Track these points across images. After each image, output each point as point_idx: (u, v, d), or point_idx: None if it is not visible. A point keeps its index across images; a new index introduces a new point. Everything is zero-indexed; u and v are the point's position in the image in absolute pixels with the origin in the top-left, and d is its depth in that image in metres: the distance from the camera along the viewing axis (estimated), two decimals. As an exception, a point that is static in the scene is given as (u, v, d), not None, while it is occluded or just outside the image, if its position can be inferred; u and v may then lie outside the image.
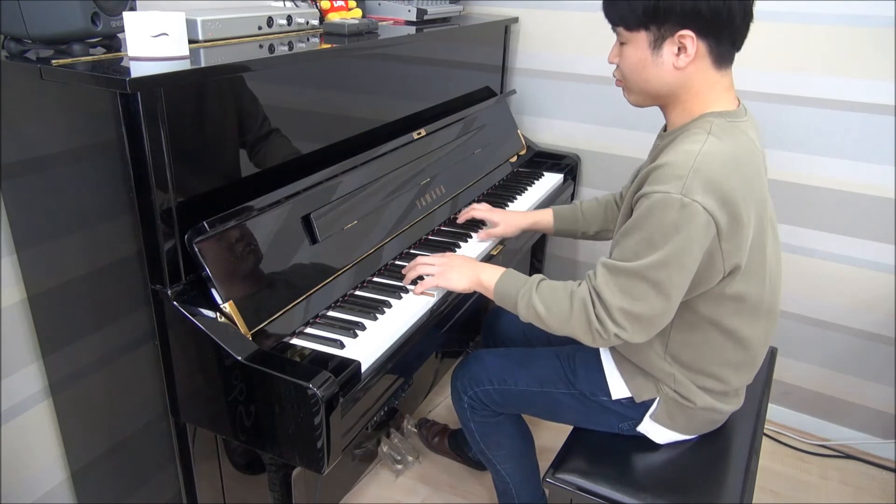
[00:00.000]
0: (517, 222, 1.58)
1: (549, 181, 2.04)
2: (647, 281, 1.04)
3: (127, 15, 1.06)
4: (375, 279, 1.38)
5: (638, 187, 1.08)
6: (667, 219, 1.00)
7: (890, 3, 1.65)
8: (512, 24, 2.16)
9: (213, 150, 1.14)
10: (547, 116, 2.24)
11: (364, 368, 1.10)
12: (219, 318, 1.06)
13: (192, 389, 1.13)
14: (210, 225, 1.08)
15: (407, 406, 2.02)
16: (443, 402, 2.17)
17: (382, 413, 1.85)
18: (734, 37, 1.06)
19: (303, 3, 1.63)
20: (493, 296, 1.24)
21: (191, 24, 1.22)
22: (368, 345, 1.16)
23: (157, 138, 1.00)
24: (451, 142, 1.78)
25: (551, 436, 1.91)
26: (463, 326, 1.51)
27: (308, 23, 1.52)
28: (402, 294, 1.32)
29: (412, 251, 1.50)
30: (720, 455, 1.28)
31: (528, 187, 1.96)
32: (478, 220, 1.62)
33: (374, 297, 1.30)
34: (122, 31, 1.08)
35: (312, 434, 1.00)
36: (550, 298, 1.15)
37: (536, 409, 1.40)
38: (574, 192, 2.21)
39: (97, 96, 0.98)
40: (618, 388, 1.28)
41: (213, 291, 1.07)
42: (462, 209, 1.64)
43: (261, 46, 1.31)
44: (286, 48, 1.32)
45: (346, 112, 1.49)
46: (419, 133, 1.66)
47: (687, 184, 1.00)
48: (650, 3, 1.03)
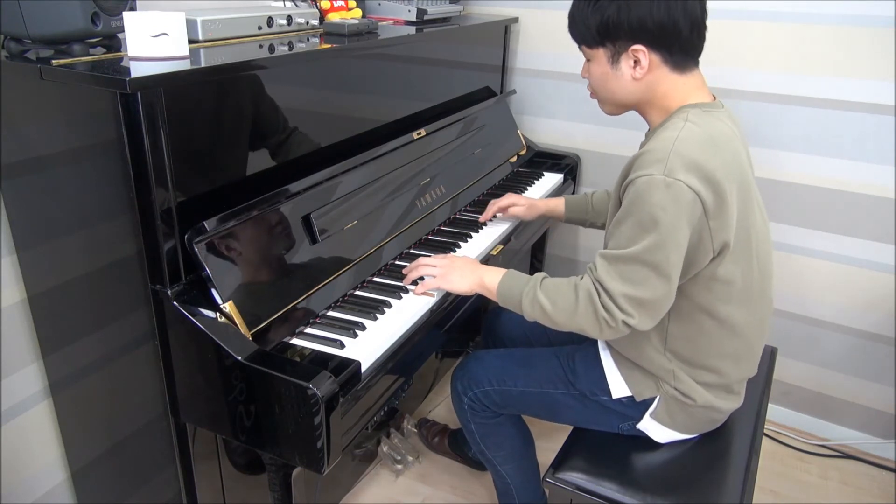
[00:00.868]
0: (538, 206, 1.67)
1: (549, 181, 2.04)
2: (646, 265, 1.06)
3: (127, 15, 1.06)
4: (375, 279, 1.38)
5: (624, 177, 1.12)
6: (654, 200, 1.04)
7: (890, 3, 1.65)
8: (512, 24, 2.16)
9: (213, 150, 1.14)
10: (547, 116, 2.24)
11: (364, 368, 1.10)
12: (219, 318, 1.06)
13: (192, 389, 1.13)
14: (210, 225, 1.08)
15: (407, 406, 2.02)
16: (443, 402, 2.17)
17: (382, 413, 1.85)
18: (685, 47, 1.12)
19: (303, 3, 1.63)
20: (497, 297, 1.24)
21: (191, 24, 1.22)
22: (368, 345, 1.16)
23: (157, 138, 0.99)
24: (451, 142, 1.78)
25: (551, 436, 1.91)
26: (463, 326, 1.51)
27: (308, 23, 1.52)
28: (403, 294, 1.32)
29: (412, 251, 1.50)
30: (720, 455, 1.28)
31: (529, 187, 1.96)
32: (482, 211, 1.69)
33: (374, 297, 1.30)
34: (122, 31, 1.08)
35: (312, 434, 1.00)
36: (555, 293, 1.15)
37: (536, 410, 1.40)
38: (574, 192, 2.21)
39: (97, 96, 0.98)
40: (618, 387, 1.28)
41: (213, 291, 1.07)
42: (461, 210, 1.65)
43: (261, 46, 1.31)
44: (286, 48, 1.32)
45: (346, 112, 1.49)
46: (419, 133, 1.66)
47: (669, 165, 1.04)
48: (602, 22, 1.11)
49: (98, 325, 1.19)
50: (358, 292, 1.32)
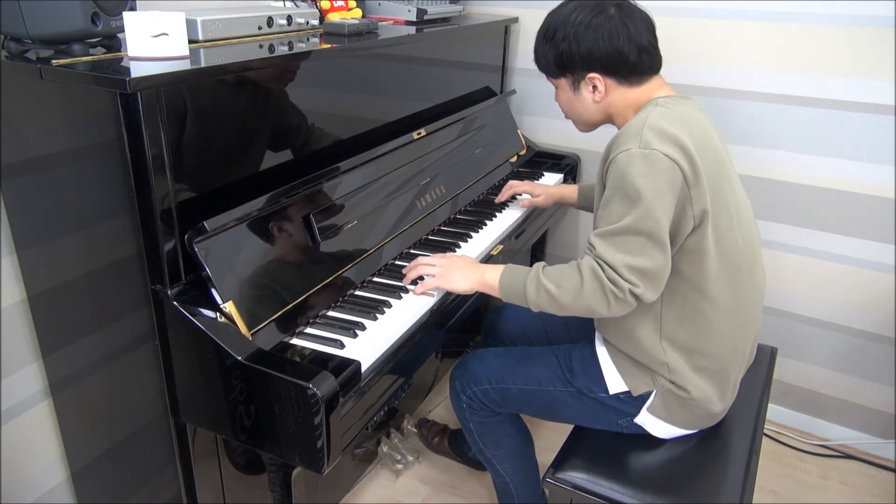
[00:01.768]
0: (552, 193, 1.77)
1: (550, 181, 2.03)
2: (640, 234, 1.09)
3: (127, 15, 1.06)
4: (375, 279, 1.38)
5: (604, 160, 1.18)
6: (634, 172, 1.09)
7: (890, 3, 1.65)
8: (512, 24, 2.16)
9: (213, 150, 1.14)
10: (547, 116, 2.24)
11: (364, 368, 1.10)
12: (219, 318, 1.06)
13: (191, 389, 1.13)
14: (210, 225, 1.08)
15: (407, 406, 2.02)
16: (443, 402, 2.17)
17: (382, 413, 1.85)
18: (637, 69, 1.21)
19: (303, 3, 1.63)
20: (499, 292, 1.25)
21: (191, 24, 1.22)
22: (368, 345, 1.16)
23: (157, 138, 1.00)
24: (451, 142, 1.78)
25: (551, 436, 1.91)
26: (463, 326, 1.51)
27: (308, 23, 1.52)
28: (403, 294, 1.32)
29: (412, 251, 1.50)
30: (720, 455, 1.28)
31: (528, 187, 1.96)
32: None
33: (375, 297, 1.30)
34: (122, 31, 1.08)
35: (312, 434, 1.00)
36: (559, 276, 1.17)
37: (535, 409, 1.40)
38: (574, 192, 2.21)
39: (97, 96, 0.98)
40: (614, 382, 1.28)
41: (213, 291, 1.07)
42: (461, 210, 1.65)
43: (261, 46, 1.31)
44: (286, 48, 1.32)
45: (346, 112, 1.49)
46: (419, 133, 1.66)
47: (643, 138, 1.11)
48: (557, 56, 1.24)
49: (98, 325, 1.19)
50: (358, 292, 1.32)
